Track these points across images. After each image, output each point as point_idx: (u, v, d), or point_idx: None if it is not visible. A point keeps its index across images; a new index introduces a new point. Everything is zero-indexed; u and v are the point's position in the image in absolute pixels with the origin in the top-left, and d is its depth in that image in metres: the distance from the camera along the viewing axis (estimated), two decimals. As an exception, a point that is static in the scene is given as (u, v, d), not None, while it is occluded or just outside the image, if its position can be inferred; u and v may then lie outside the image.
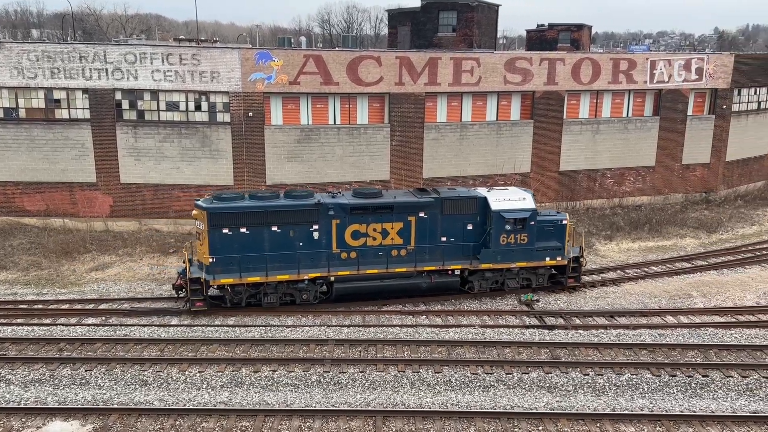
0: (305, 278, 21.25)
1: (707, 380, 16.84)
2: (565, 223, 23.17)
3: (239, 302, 21.34)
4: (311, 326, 20.28)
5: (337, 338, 18.88)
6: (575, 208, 34.43)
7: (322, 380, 16.71)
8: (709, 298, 23.50)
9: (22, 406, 15.38)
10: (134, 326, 20.15)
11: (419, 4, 50.05)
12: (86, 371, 17.02)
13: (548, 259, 23.03)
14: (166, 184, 29.73)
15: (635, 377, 16.94)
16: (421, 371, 17.09)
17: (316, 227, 21.17)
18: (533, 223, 22.43)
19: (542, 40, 56.64)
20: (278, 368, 17.20)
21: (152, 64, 28.47)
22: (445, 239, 22.28)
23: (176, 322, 20.90)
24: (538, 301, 22.80)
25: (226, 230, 20.48)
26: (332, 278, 21.49)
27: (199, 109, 29.34)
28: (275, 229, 20.86)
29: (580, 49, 54.47)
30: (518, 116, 33.56)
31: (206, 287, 20.79)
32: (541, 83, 32.91)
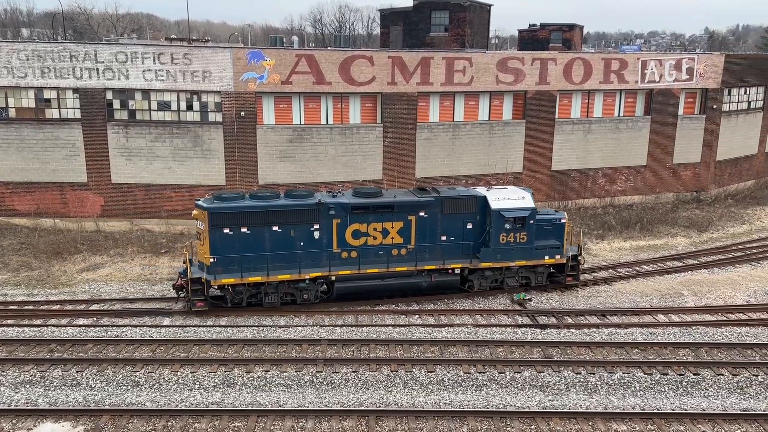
0: (306, 278, 21.28)
1: (698, 378, 16.94)
2: (563, 221, 23.30)
3: (240, 302, 21.33)
4: (304, 326, 20.25)
5: (329, 338, 18.86)
6: (567, 207, 34.53)
7: (314, 380, 16.69)
8: (700, 296, 23.64)
9: (12, 407, 15.27)
10: (126, 327, 20.05)
11: (411, 3, 50.09)
12: (77, 372, 16.92)
13: (547, 257, 23.16)
14: (157, 184, 29.61)
15: (627, 376, 17.02)
16: (413, 371, 17.10)
17: (316, 227, 21.20)
18: (532, 221, 22.56)
19: (534, 39, 56.81)
20: (271, 368, 17.17)
21: (143, 63, 28.35)
22: (445, 238, 22.38)
23: (168, 322, 20.83)
24: (530, 300, 22.87)
25: (227, 230, 20.48)
26: (333, 278, 21.53)
27: (190, 108, 29.24)
28: (276, 228, 20.88)
29: (571, 49, 54.67)
30: (510, 116, 33.64)
31: (207, 287, 20.76)
32: (533, 83, 33.00)
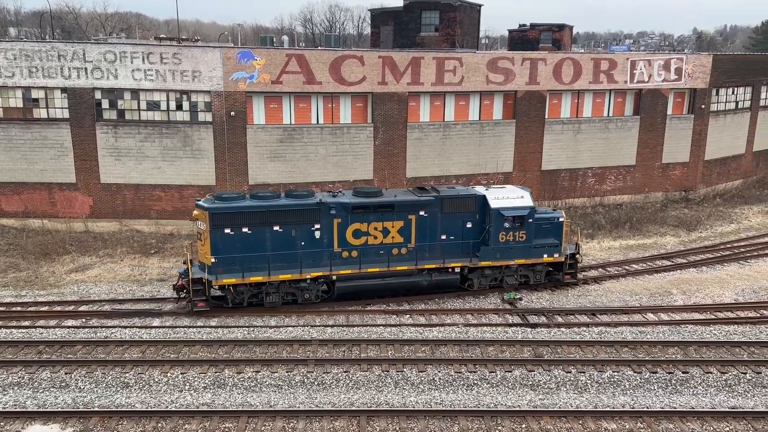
0: (307, 277, 21.32)
1: (687, 376, 17.05)
2: (561, 220, 23.47)
3: (241, 302, 21.31)
4: (295, 326, 20.22)
5: (320, 338, 18.84)
6: (557, 207, 34.60)
7: (305, 380, 16.66)
8: (688, 295, 23.80)
9: (0, 409, 15.13)
10: (115, 328, 19.93)
11: (402, 3, 50.10)
12: (66, 374, 16.81)
13: (546, 256, 23.31)
14: (147, 184, 29.46)
15: (617, 374, 17.11)
16: (405, 370, 17.10)
17: (317, 226, 21.23)
18: (531, 220, 22.73)
19: (524, 40, 56.96)
20: (261, 369, 17.12)
21: (132, 63, 28.19)
22: (444, 237, 22.50)
23: (158, 323, 20.72)
24: (520, 299, 22.94)
25: (228, 230, 20.47)
26: (334, 277, 21.58)
27: (180, 108, 29.10)
28: (277, 228, 20.90)
29: (561, 49, 54.87)
30: (500, 116, 33.72)
31: (208, 288, 20.69)
32: (523, 83, 33.10)
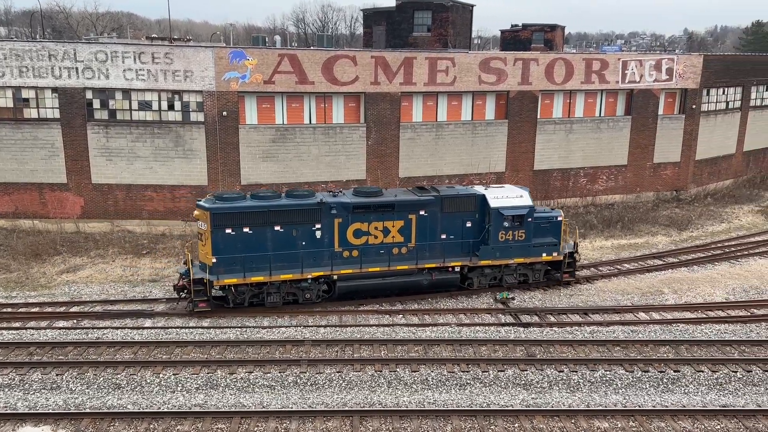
0: (308, 277, 21.35)
1: (679, 375, 17.15)
2: (560, 219, 23.62)
3: (242, 302, 21.31)
4: (287, 327, 20.19)
5: (313, 339, 18.82)
6: (549, 207, 34.73)
7: (298, 381, 16.64)
8: (680, 294, 23.93)
9: (-10, 412, 15.05)
10: (107, 329, 19.84)
11: (394, 3, 50.08)
12: (57, 375, 16.72)
13: (545, 255, 23.46)
14: (138, 184, 29.33)
15: (609, 373, 17.18)
16: (398, 370, 17.11)
17: (318, 226, 21.27)
18: (530, 219, 22.89)
19: (516, 40, 57.06)
20: (254, 369, 17.08)
21: (124, 62, 28.06)
22: (444, 237, 22.60)
23: (150, 324, 20.64)
24: (513, 299, 23.00)
25: (229, 230, 20.47)
26: (335, 277, 21.62)
27: (172, 108, 28.99)
28: (278, 228, 20.92)
29: (553, 49, 55.01)
30: (493, 116, 33.79)
31: (210, 288, 20.67)
32: (515, 83, 33.18)
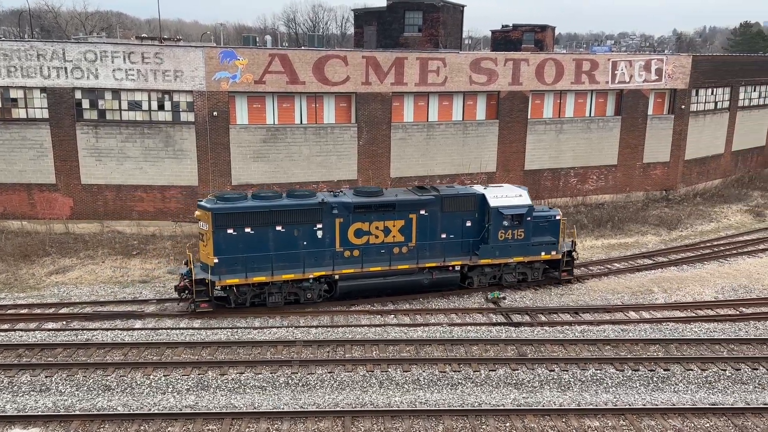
0: (310, 277, 21.40)
1: (668, 374, 17.25)
2: (558, 218, 23.78)
3: (244, 303, 21.32)
4: (279, 328, 20.14)
5: (304, 339, 18.78)
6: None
7: (290, 382, 16.60)
8: (669, 293, 24.07)
9: (-22, 414, 14.92)
10: (97, 330, 19.71)
11: (385, 3, 50.08)
12: (47, 377, 16.59)
13: (543, 253, 23.64)
14: (128, 184, 29.17)
15: (599, 372, 17.25)
16: (389, 370, 17.11)
17: (319, 226, 21.32)
18: (529, 219, 23.05)
19: (507, 40, 57.22)
20: (245, 370, 17.03)
21: (113, 62, 27.90)
22: (444, 236, 22.72)
23: (140, 325, 20.53)
24: (504, 298, 23.06)
25: (230, 230, 20.49)
26: (337, 276, 21.67)
27: (162, 108, 28.85)
28: (280, 228, 20.96)
29: (543, 49, 55.21)
30: (484, 116, 33.86)
31: (212, 288, 20.63)
32: (505, 83, 33.26)
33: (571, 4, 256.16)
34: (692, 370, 17.43)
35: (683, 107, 37.62)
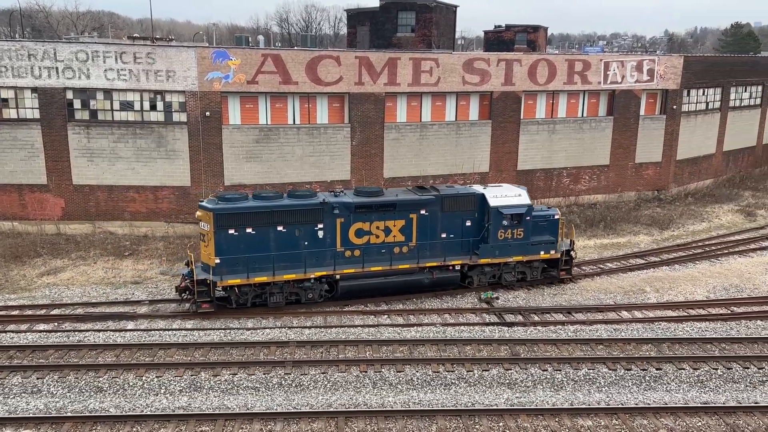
0: (311, 277, 21.43)
1: (661, 373, 17.32)
2: (557, 218, 23.93)
3: (245, 303, 21.31)
4: (272, 328, 20.10)
5: (298, 340, 18.75)
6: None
7: (283, 383, 16.57)
8: (661, 293, 24.18)
9: (-31, 417, 14.82)
10: (88, 332, 19.62)
11: (378, 4, 50.10)
12: (38, 379, 16.49)
13: (542, 252, 23.78)
14: (120, 185, 29.05)
15: (592, 372, 17.31)
16: (383, 371, 17.11)
17: (320, 226, 21.37)
18: (529, 218, 23.20)
19: (499, 41, 57.33)
20: (238, 371, 16.98)
21: (105, 62, 27.77)
22: (445, 236, 22.82)
23: (132, 326, 20.45)
24: (497, 298, 23.10)
25: (232, 231, 20.50)
26: (338, 276, 21.71)
27: (154, 108, 28.75)
28: (281, 228, 20.98)
29: (536, 50, 55.35)
30: (477, 116, 33.92)
31: (213, 289, 20.61)
32: (498, 84, 33.34)
33: (561, 5, 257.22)
34: (684, 369, 17.51)
35: (675, 107, 37.80)
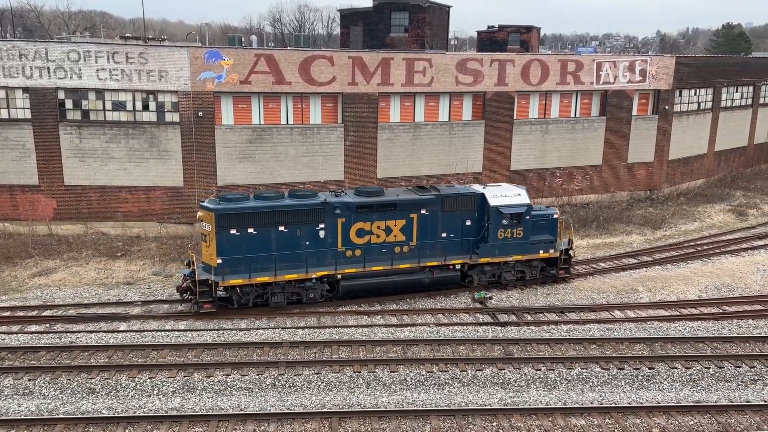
0: (313, 277, 21.44)
1: (653, 372, 17.39)
2: (556, 217, 24.11)
3: (247, 303, 21.30)
4: (265, 329, 20.05)
5: (291, 340, 18.72)
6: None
7: (276, 383, 16.54)
8: (654, 292, 24.28)
9: (-40, 419, 14.72)
10: (80, 333, 19.51)
11: (371, 4, 50.09)
12: (30, 380, 16.39)
13: (542, 252, 23.91)
14: (113, 185, 28.92)
15: (585, 371, 17.35)
16: (376, 371, 17.09)
17: (322, 226, 21.39)
18: (528, 217, 23.34)
19: (492, 41, 57.44)
20: (232, 372, 16.93)
21: (97, 62, 27.64)
22: (445, 235, 22.90)
23: (125, 327, 20.36)
24: (491, 298, 23.14)
25: (233, 231, 20.49)
26: (339, 276, 21.74)
27: (146, 108, 28.63)
28: (282, 228, 20.98)
29: (529, 50, 55.48)
30: (470, 116, 33.96)
31: (215, 289, 20.56)
32: (491, 84, 33.39)
33: (553, 5, 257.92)
34: (676, 368, 17.58)
35: (667, 108, 37.97)
